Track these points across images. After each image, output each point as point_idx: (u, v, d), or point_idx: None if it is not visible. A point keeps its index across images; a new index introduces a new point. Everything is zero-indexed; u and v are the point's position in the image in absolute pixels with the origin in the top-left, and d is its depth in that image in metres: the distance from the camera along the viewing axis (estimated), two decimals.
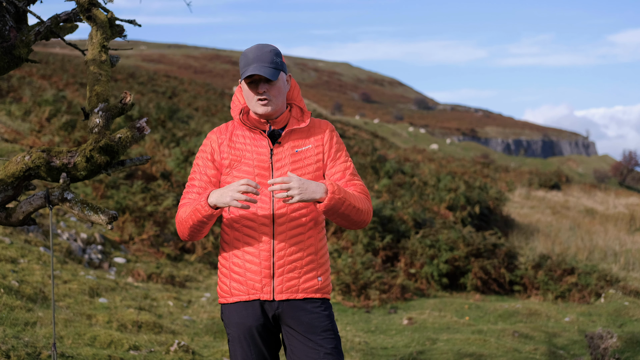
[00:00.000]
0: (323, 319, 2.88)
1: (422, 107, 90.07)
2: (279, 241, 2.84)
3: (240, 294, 2.88)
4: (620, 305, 8.79)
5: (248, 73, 2.79)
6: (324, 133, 2.94)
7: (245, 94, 2.87)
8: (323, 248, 2.95)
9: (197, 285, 8.68)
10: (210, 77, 67.07)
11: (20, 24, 3.32)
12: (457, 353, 6.16)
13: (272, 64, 2.81)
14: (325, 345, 2.85)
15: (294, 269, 2.85)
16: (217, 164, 2.90)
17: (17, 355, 4.37)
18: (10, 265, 6.60)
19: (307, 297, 2.87)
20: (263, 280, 2.84)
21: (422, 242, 10.53)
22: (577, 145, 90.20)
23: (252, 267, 2.85)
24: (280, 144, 2.88)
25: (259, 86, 2.82)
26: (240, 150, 2.88)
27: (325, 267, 2.94)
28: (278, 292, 2.85)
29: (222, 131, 2.94)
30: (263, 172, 2.85)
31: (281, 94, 2.87)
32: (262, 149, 2.87)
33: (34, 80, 19.85)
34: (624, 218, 18.93)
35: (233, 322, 2.90)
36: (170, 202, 10.48)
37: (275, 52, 2.85)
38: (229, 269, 2.91)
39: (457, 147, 50.90)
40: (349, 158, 2.98)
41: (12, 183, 2.91)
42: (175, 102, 25.96)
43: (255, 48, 2.84)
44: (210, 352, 5.49)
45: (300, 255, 2.86)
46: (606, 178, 42.94)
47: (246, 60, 2.83)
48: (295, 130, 2.91)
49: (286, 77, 2.91)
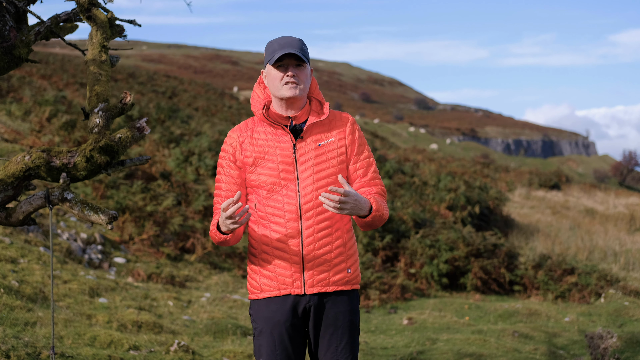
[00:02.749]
0: (347, 314, 2.92)
1: (422, 107, 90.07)
2: (308, 235, 2.86)
3: (270, 289, 2.90)
4: (620, 305, 8.78)
5: (279, 54, 2.80)
6: (345, 126, 2.95)
7: (272, 79, 2.87)
8: (351, 239, 2.97)
9: (197, 285, 8.68)
10: (210, 77, 67.05)
11: (20, 24, 3.32)
12: (457, 353, 6.15)
13: (301, 50, 2.84)
14: (343, 339, 2.91)
15: (324, 262, 2.88)
16: (240, 163, 2.91)
17: (17, 355, 4.37)
18: (10, 265, 6.60)
19: (337, 289, 2.90)
20: (293, 274, 2.87)
21: (422, 242, 10.53)
22: (577, 145, 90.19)
23: (281, 262, 2.87)
24: (303, 138, 2.89)
25: (288, 69, 2.84)
26: (263, 147, 2.89)
27: (354, 257, 2.97)
28: (309, 286, 2.87)
29: (242, 129, 2.94)
30: (287, 168, 2.86)
31: (307, 81, 2.89)
32: (285, 144, 2.88)
33: (34, 80, 19.85)
34: (624, 218, 18.93)
35: (261, 316, 2.91)
36: (170, 202, 10.48)
37: (303, 42, 2.89)
38: (258, 264, 2.93)
39: (457, 147, 50.89)
40: (371, 153, 3.01)
41: (12, 183, 2.91)
42: (175, 102, 25.95)
43: (283, 37, 2.88)
44: (210, 352, 5.49)
45: (329, 249, 2.88)
46: (606, 178, 42.93)
47: (273, 47, 2.85)
48: (316, 124, 2.92)
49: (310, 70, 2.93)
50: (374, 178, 2.96)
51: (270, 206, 2.85)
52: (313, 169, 2.87)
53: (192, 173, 13.73)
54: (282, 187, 2.85)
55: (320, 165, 2.87)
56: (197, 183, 13.18)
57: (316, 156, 2.88)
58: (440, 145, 49.87)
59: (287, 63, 2.84)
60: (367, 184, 2.95)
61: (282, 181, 2.85)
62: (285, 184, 2.85)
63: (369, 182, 2.95)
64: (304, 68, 2.86)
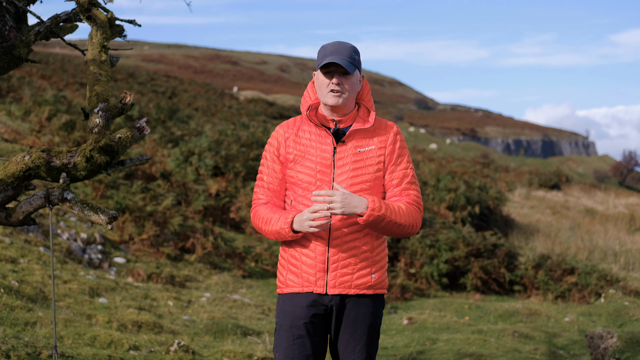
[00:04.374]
0: (368, 316, 2.96)
1: (422, 107, 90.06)
2: (335, 237, 2.91)
3: (294, 285, 2.97)
4: (620, 305, 8.78)
5: (326, 61, 2.86)
6: (388, 135, 2.99)
7: (319, 83, 2.93)
8: (381, 245, 3.00)
9: (197, 285, 8.68)
10: (210, 77, 67.05)
11: (20, 24, 3.32)
12: (457, 353, 6.15)
13: (350, 59, 2.89)
14: (361, 340, 2.96)
15: (348, 265, 2.92)
16: (283, 158, 2.98)
17: (17, 355, 4.37)
18: (10, 265, 6.60)
19: (360, 293, 2.94)
20: (317, 274, 2.92)
21: (422, 242, 10.53)
22: (577, 145, 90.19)
23: (307, 261, 2.94)
24: (344, 142, 2.94)
25: (334, 77, 2.89)
26: (305, 145, 2.95)
27: (381, 263, 2.99)
28: (331, 287, 2.92)
29: (289, 125, 3.02)
30: (324, 169, 2.92)
31: (353, 90, 2.94)
32: (325, 146, 2.94)
33: (34, 80, 19.85)
34: (624, 218, 18.93)
35: (283, 310, 2.98)
36: (170, 202, 10.48)
37: (355, 49, 2.93)
38: (287, 260, 3.00)
39: (457, 147, 50.90)
40: (411, 164, 3.03)
41: (12, 183, 2.91)
42: (175, 102, 25.95)
43: (336, 42, 2.94)
44: (210, 352, 5.49)
45: (355, 252, 2.92)
46: (606, 178, 42.94)
47: (325, 52, 2.91)
48: (359, 130, 2.97)
49: (359, 77, 2.97)
50: (407, 188, 2.98)
51: (304, 204, 2.92)
52: (349, 173, 2.92)
53: (192, 173, 13.73)
54: (316, 188, 2.92)
55: (356, 171, 2.92)
56: (197, 183, 13.18)
57: (354, 162, 2.93)
58: (440, 145, 49.87)
59: (334, 70, 2.90)
60: (399, 194, 2.98)
61: (317, 181, 2.92)
62: (320, 184, 2.91)
63: (401, 192, 2.98)
64: (351, 76, 2.91)
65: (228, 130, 17.36)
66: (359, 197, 2.83)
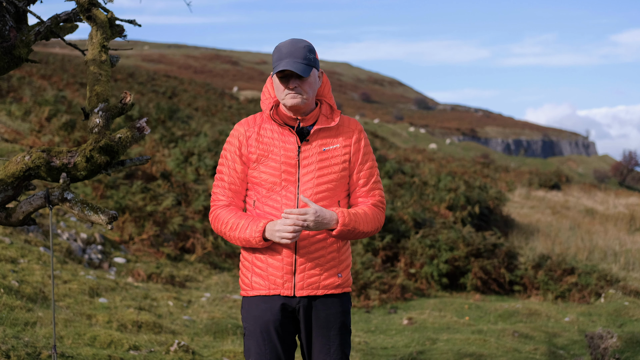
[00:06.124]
0: (338, 316, 2.93)
1: (422, 107, 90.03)
2: (302, 238, 2.86)
3: (261, 288, 2.90)
4: (620, 305, 8.78)
5: (280, 68, 2.78)
6: (353, 134, 2.95)
7: (276, 86, 2.87)
8: (346, 245, 2.98)
9: (197, 285, 8.68)
10: (210, 77, 67.03)
11: (20, 24, 3.32)
12: (457, 353, 6.15)
13: (304, 60, 2.80)
14: (335, 341, 2.92)
15: (316, 266, 2.88)
16: (245, 158, 2.91)
17: (17, 355, 4.37)
18: (10, 265, 6.60)
19: (327, 293, 2.91)
20: (285, 276, 2.87)
21: (422, 242, 10.53)
22: (577, 145, 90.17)
23: (274, 263, 2.87)
24: (309, 141, 2.89)
25: (290, 81, 2.82)
26: (268, 145, 2.88)
27: (346, 262, 2.97)
28: (299, 289, 2.88)
29: (250, 124, 2.93)
30: (289, 169, 2.86)
31: (312, 90, 2.87)
32: (289, 145, 2.87)
33: (34, 80, 19.84)
34: (624, 218, 18.92)
35: (251, 315, 2.92)
36: (170, 202, 10.48)
37: (309, 48, 2.84)
38: (251, 262, 2.93)
39: (457, 147, 50.89)
40: (375, 163, 3.01)
41: (12, 183, 2.91)
42: (175, 102, 25.95)
43: (289, 43, 2.84)
44: (210, 352, 5.49)
45: (323, 253, 2.89)
46: (606, 178, 42.93)
47: (279, 54, 2.83)
48: (324, 129, 2.92)
49: (318, 74, 2.91)
50: (373, 188, 2.97)
51: (268, 205, 2.86)
52: (315, 173, 2.87)
53: (192, 173, 13.73)
54: (281, 188, 2.85)
55: (322, 170, 2.88)
56: (197, 183, 13.18)
57: (319, 161, 2.88)
58: (440, 145, 49.87)
59: (289, 74, 2.82)
60: (365, 195, 2.96)
61: (282, 182, 2.85)
62: (285, 185, 2.85)
63: (367, 193, 2.96)
64: (307, 78, 2.83)
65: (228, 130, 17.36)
66: (329, 212, 2.80)
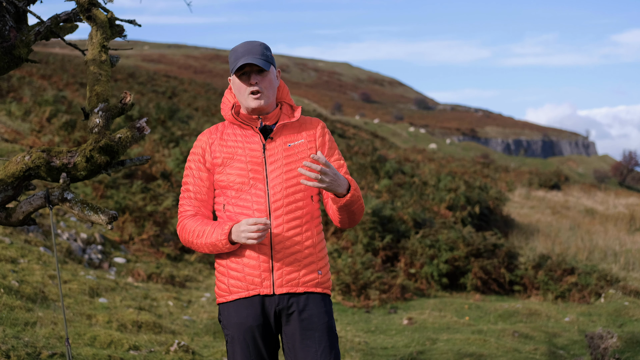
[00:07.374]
0: (322, 316, 2.88)
1: (422, 107, 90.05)
2: (277, 234, 2.83)
3: (239, 290, 2.86)
4: (620, 305, 8.78)
5: (240, 64, 2.81)
6: (315, 129, 2.97)
7: (237, 88, 2.89)
8: (321, 242, 2.95)
9: (197, 285, 8.68)
10: (210, 77, 67.04)
11: (20, 24, 3.32)
12: (457, 353, 6.15)
13: (262, 56, 2.84)
14: (322, 343, 2.86)
15: (294, 262, 2.85)
16: (209, 165, 2.91)
17: (17, 355, 4.37)
18: (10, 265, 6.60)
19: (308, 290, 2.87)
20: (262, 274, 2.83)
21: (422, 242, 10.53)
22: (577, 145, 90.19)
23: (250, 262, 2.84)
24: (273, 139, 2.90)
25: (250, 77, 2.85)
26: (232, 147, 2.89)
27: (324, 261, 2.95)
28: (278, 286, 2.84)
29: (212, 132, 2.96)
30: (256, 167, 2.86)
31: (272, 87, 2.90)
32: (254, 144, 2.88)
33: (34, 80, 19.85)
34: (624, 218, 18.92)
35: (232, 322, 2.88)
36: (170, 202, 10.48)
37: (265, 46, 2.88)
38: (226, 266, 2.89)
39: (457, 147, 50.90)
40: (342, 156, 3.05)
41: (12, 183, 2.91)
42: (175, 102, 25.95)
43: (245, 43, 2.88)
44: (210, 352, 5.49)
45: (299, 248, 2.86)
46: (606, 178, 42.95)
47: (236, 54, 2.86)
48: (287, 125, 2.93)
49: (276, 73, 2.93)
50: None
51: (239, 206, 2.84)
52: (282, 168, 2.87)
53: None
54: (250, 187, 2.85)
55: (289, 165, 2.88)
56: None
57: (286, 156, 2.88)
58: (440, 145, 49.89)
59: (249, 71, 2.85)
60: None
61: (250, 180, 2.85)
62: (253, 183, 2.84)
63: None
64: (267, 73, 2.86)
65: None
66: (342, 175, 2.81)
